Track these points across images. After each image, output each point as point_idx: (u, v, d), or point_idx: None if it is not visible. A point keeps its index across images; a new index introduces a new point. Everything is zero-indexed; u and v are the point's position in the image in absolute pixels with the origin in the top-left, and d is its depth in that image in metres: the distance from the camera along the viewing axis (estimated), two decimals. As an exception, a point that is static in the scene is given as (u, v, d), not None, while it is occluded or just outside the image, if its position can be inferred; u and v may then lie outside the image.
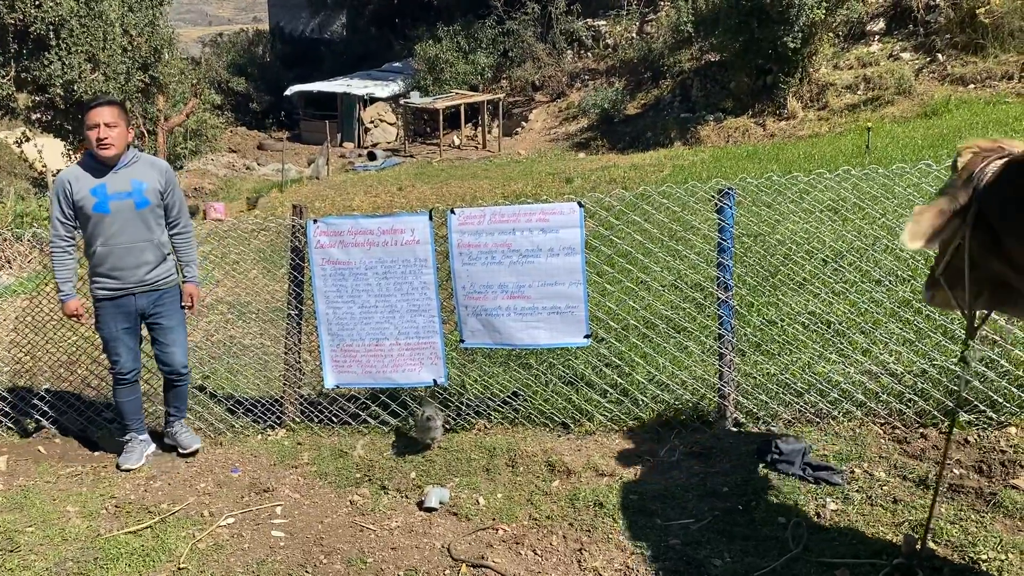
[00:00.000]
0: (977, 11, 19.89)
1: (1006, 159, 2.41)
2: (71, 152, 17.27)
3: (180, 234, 4.62)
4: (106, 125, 4.28)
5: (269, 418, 5.23)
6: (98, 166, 4.38)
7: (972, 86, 19.02)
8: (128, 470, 4.54)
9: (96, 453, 4.92)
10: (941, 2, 21.37)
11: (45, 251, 9.14)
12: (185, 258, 4.66)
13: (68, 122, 16.18)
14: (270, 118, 35.49)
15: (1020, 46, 19.05)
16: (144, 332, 4.69)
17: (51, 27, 14.84)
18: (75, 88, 15.08)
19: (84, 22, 15.01)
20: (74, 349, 6.16)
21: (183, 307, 4.67)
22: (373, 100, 31.42)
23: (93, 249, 4.39)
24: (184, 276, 4.69)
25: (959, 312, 2.82)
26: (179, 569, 3.51)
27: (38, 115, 16.88)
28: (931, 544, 3.21)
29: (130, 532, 3.83)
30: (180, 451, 4.76)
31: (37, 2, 14.70)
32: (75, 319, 4.49)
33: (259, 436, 5.07)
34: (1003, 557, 3.08)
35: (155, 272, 4.49)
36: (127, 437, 4.68)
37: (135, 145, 4.62)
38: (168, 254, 4.58)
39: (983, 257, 2.48)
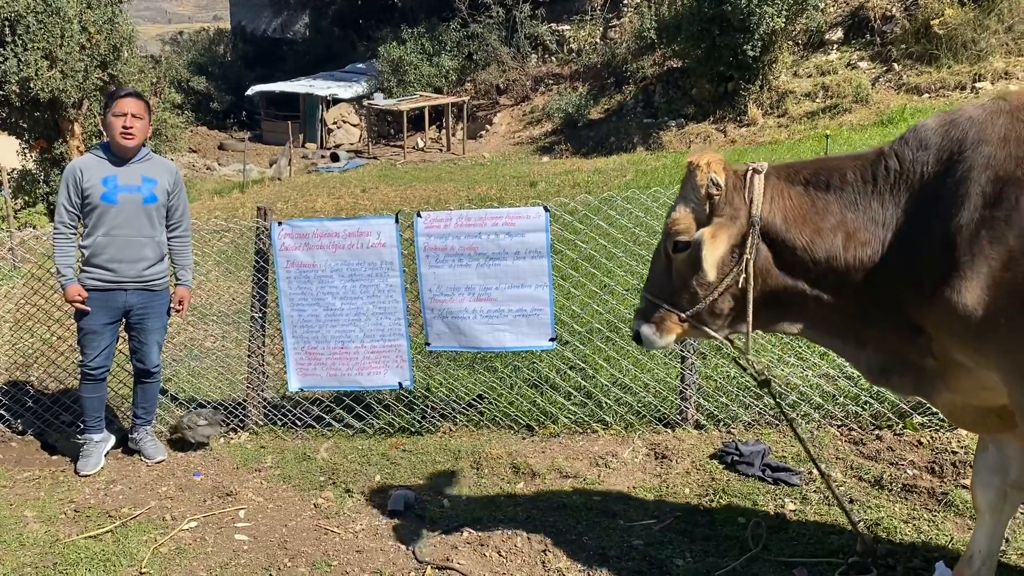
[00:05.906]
0: (931, 22, 20.36)
1: (764, 174, 2.49)
2: (25, 151, 16.88)
3: (179, 237, 4.62)
4: (133, 116, 4.31)
5: (232, 421, 5.19)
6: (112, 157, 4.39)
7: (927, 95, 19.45)
8: (87, 475, 4.48)
9: (54, 457, 4.84)
10: (897, 13, 21.82)
11: (0, 253, 8.96)
12: (181, 261, 4.66)
13: (24, 120, 15.82)
14: (231, 118, 35.11)
15: (972, 57, 19.53)
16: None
17: (6, 23, 14.52)
18: (31, 86, 14.77)
19: (41, 19, 14.70)
20: (31, 351, 6.06)
21: (175, 310, 4.66)
22: (336, 101, 31.22)
23: (93, 239, 4.35)
24: (177, 279, 4.68)
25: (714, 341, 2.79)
26: (141, 573, 3.47)
27: (-9, 113, 16.48)
28: (886, 543, 3.30)
29: (90, 537, 3.78)
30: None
31: (-9, -3, 14.40)
32: (75, 304, 4.41)
33: (221, 439, 5.03)
34: (954, 554, 3.18)
35: (152, 270, 4.47)
36: (83, 440, 4.62)
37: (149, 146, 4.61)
38: (165, 255, 4.57)
39: (766, 275, 2.55)
